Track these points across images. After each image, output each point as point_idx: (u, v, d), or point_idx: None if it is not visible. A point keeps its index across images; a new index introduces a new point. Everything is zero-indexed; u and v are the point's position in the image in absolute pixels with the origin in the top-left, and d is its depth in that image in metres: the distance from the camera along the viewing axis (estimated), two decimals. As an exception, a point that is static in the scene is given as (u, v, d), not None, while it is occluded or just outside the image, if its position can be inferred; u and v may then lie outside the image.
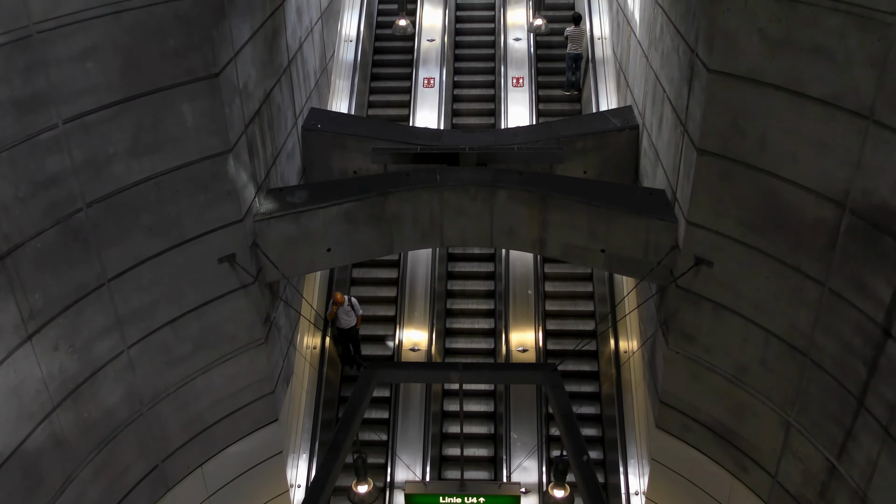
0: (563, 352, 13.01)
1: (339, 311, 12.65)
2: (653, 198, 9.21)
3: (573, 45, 15.74)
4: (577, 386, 13.12)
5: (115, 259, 7.49)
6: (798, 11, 6.39)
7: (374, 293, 14.21)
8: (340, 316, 12.70)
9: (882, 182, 6.06)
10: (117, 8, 6.72)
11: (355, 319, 12.86)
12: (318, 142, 11.20)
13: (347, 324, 12.82)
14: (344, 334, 13.07)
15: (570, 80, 16.21)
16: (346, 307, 12.66)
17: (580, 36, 15.64)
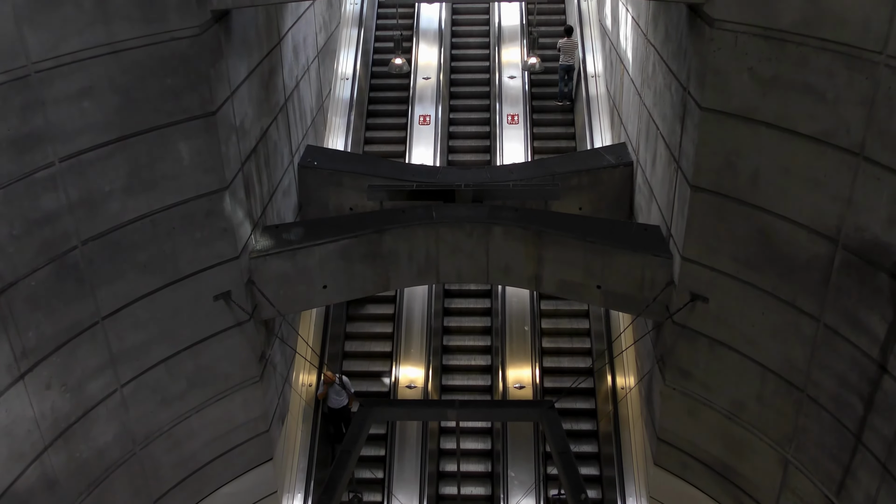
0: (561, 388, 12.93)
1: (329, 390, 12.05)
2: (648, 234, 9.24)
3: (565, 56, 16.23)
4: (574, 424, 13.02)
5: (109, 297, 7.47)
6: (787, 50, 6.48)
7: (369, 329, 14.15)
8: (331, 395, 12.09)
9: (874, 218, 6.09)
10: (115, 48, 6.80)
11: (346, 399, 12.24)
12: (315, 179, 11.25)
13: (338, 403, 12.16)
14: (335, 414, 12.40)
15: (563, 91, 16.68)
16: (337, 386, 12.04)
17: (572, 48, 16.13)
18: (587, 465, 12.70)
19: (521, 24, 18.04)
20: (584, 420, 13.16)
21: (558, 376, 13.47)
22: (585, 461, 12.71)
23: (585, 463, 12.69)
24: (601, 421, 12.87)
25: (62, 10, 6.34)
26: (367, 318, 14.32)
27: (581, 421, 13.13)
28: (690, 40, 7.59)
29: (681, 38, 7.95)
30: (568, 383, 12.93)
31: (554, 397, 11.91)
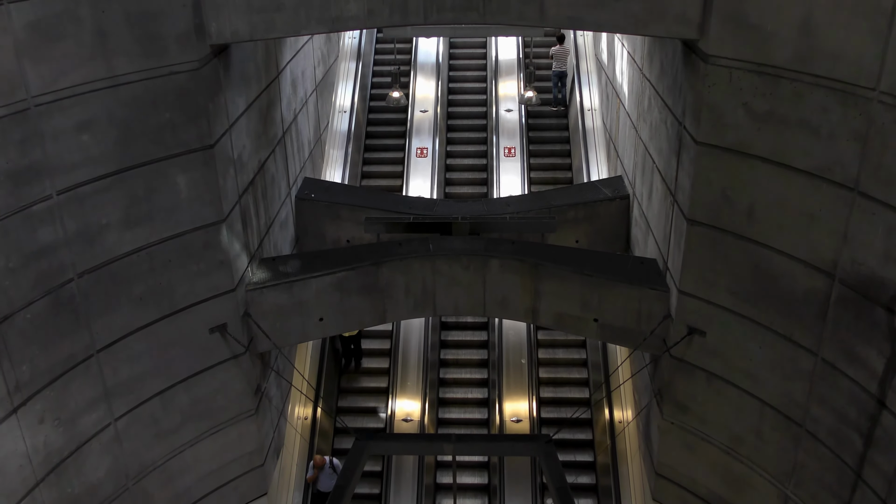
0: (558, 421, 12.85)
1: (320, 474, 11.79)
2: (644, 267, 9.25)
3: (558, 63, 16.74)
4: (571, 455, 12.92)
5: (104, 330, 7.44)
6: (781, 86, 6.54)
7: (365, 364, 14.09)
8: (322, 479, 11.82)
9: (870, 253, 6.11)
10: (115, 82, 6.85)
11: None
12: (312, 211, 11.28)
13: (329, 487, 11.66)
14: (323, 498, 11.89)
15: (557, 97, 17.22)
16: (328, 470, 11.78)
17: (564, 54, 16.66)
18: (585, 496, 12.58)
19: (518, 58, 18.22)
20: (581, 452, 13.06)
21: (555, 407, 13.39)
22: (583, 493, 12.60)
23: (583, 495, 12.57)
24: (599, 453, 12.77)
25: (63, 44, 6.40)
26: (364, 352, 14.26)
27: (579, 453, 13.03)
28: (685, 76, 7.66)
29: (676, 73, 8.02)
30: (566, 415, 12.87)
31: (551, 430, 11.83)
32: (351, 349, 13.81)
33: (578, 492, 12.42)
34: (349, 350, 13.83)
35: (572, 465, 12.80)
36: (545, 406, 13.36)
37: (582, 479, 12.71)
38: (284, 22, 7.53)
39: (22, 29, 6.07)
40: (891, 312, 6.00)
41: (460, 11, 7.62)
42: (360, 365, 14.01)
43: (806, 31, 6.22)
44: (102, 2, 6.56)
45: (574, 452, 12.99)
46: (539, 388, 13.46)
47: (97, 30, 6.59)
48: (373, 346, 14.25)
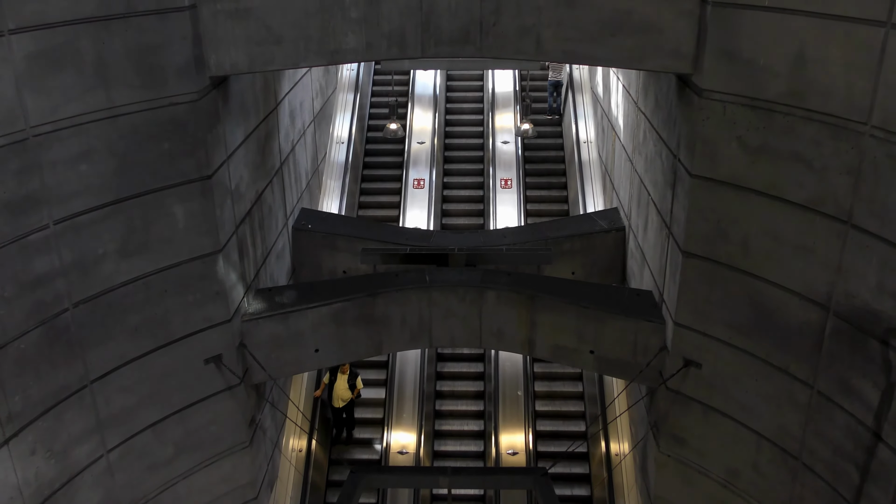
0: (554, 453, 12.76)
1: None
2: (640, 299, 9.26)
3: (553, 72, 17.19)
4: (568, 489, 12.81)
5: (98, 360, 7.41)
6: (774, 120, 6.61)
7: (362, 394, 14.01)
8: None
9: (864, 285, 6.13)
10: (114, 112, 6.90)
11: None
12: (309, 241, 11.30)
13: None
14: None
15: (552, 106, 17.76)
16: None
17: (560, 65, 16.78)
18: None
19: (515, 91, 18.40)
20: (578, 485, 12.96)
21: (552, 438, 13.31)
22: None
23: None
24: (595, 486, 12.67)
25: (63, 75, 6.45)
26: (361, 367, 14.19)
27: (575, 486, 12.93)
28: (680, 109, 7.74)
29: (670, 106, 8.11)
30: (562, 448, 12.79)
31: (548, 463, 11.75)
32: (342, 418, 13.15)
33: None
34: (340, 419, 13.20)
35: (569, 499, 12.70)
36: (542, 440, 13.28)
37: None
38: (283, 54, 7.61)
39: (22, 59, 6.13)
40: (885, 345, 6.01)
41: (458, 45, 7.71)
42: (353, 436, 13.37)
43: (798, 66, 6.31)
44: (103, 34, 6.63)
45: (570, 486, 12.89)
46: (535, 421, 13.39)
47: (97, 61, 6.65)
48: (369, 376, 14.18)
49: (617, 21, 7.30)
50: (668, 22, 7.17)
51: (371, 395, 13.96)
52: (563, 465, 12.79)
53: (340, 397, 12.50)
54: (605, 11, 7.29)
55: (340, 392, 12.42)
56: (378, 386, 14.08)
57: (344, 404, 12.65)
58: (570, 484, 12.93)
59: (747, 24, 6.60)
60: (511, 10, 7.44)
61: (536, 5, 7.37)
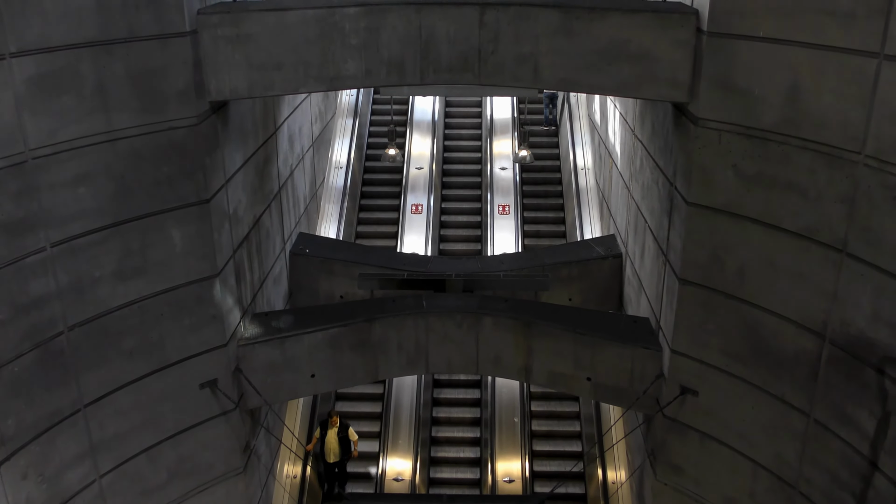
0: (552, 477, 12.67)
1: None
2: (637, 326, 9.25)
3: None
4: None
5: (93, 384, 7.37)
6: (769, 149, 6.66)
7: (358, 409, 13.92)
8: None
9: (859, 313, 6.14)
10: (113, 136, 6.94)
11: None
12: (306, 266, 11.30)
13: None
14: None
15: (548, 117, 17.96)
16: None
17: None
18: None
19: (513, 117, 18.51)
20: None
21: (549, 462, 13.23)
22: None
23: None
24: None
25: (63, 98, 6.50)
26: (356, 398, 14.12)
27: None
28: (676, 137, 7.79)
29: (667, 134, 8.16)
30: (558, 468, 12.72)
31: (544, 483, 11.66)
32: (335, 473, 12.58)
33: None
34: (332, 474, 12.56)
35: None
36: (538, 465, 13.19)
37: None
38: (283, 80, 7.67)
39: (23, 83, 6.18)
40: (881, 373, 6.01)
41: (456, 72, 7.78)
42: (345, 491, 12.62)
43: (792, 95, 6.37)
44: (104, 58, 6.68)
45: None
46: (532, 450, 13.31)
47: (98, 85, 6.70)
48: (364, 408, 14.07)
49: (614, 50, 7.38)
50: (665, 51, 7.25)
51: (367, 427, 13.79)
52: (559, 487, 12.69)
53: (332, 451, 12.07)
54: (602, 40, 7.37)
55: (332, 446, 12.04)
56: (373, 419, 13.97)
57: (336, 459, 12.16)
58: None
59: (742, 54, 6.67)
60: (509, 39, 7.52)
61: (534, 34, 7.46)
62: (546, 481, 12.73)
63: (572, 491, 12.95)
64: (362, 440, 13.58)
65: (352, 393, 14.10)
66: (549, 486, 12.38)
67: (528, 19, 7.45)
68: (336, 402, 14.04)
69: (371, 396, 14.13)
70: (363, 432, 13.66)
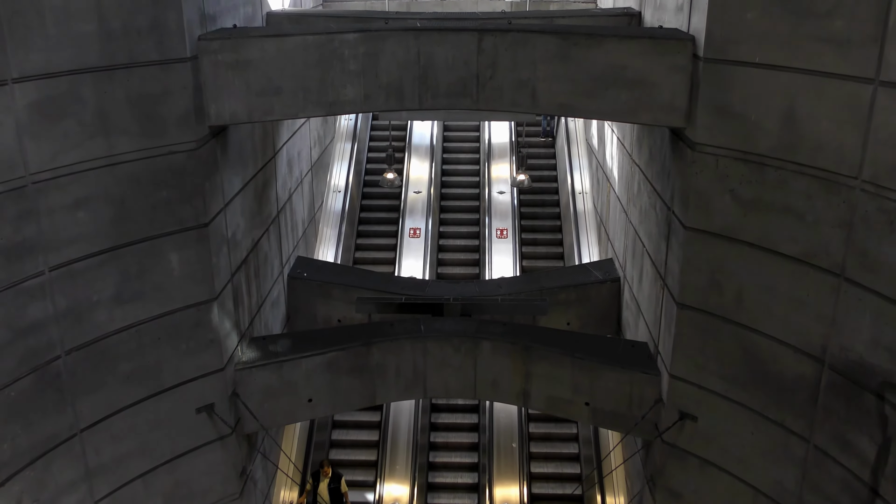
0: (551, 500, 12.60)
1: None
2: (636, 350, 9.24)
3: None
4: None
5: (89, 408, 7.33)
6: (766, 174, 6.69)
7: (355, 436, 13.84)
8: None
9: (858, 339, 6.13)
10: (113, 160, 6.96)
11: None
12: (304, 290, 11.29)
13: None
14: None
15: (546, 129, 18.15)
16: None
17: None
18: (577, 590, 12.21)
19: (511, 141, 18.59)
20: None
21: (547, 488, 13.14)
22: (575, 586, 12.23)
23: (575, 588, 12.20)
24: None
25: (64, 123, 6.52)
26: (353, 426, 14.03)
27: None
28: (673, 162, 7.83)
29: (664, 159, 8.20)
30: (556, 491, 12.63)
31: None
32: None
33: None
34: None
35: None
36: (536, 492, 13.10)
37: (574, 569, 12.37)
38: (283, 105, 7.72)
39: (24, 108, 6.21)
40: (881, 399, 5.99)
41: (455, 97, 7.83)
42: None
43: (789, 121, 6.41)
44: (105, 83, 6.72)
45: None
46: (531, 476, 13.22)
47: (98, 110, 6.74)
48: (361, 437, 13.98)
49: (611, 76, 7.44)
50: (662, 77, 7.31)
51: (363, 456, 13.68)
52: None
53: (326, 503, 11.88)
54: (600, 66, 7.43)
55: (324, 498, 11.84)
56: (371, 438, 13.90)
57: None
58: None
59: (739, 80, 6.73)
60: (507, 64, 7.58)
61: (532, 59, 7.52)
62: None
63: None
64: (359, 468, 13.51)
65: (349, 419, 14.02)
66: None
67: (525, 45, 7.51)
68: (332, 428, 13.95)
69: (368, 423, 14.05)
70: (359, 461, 13.57)
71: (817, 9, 6.04)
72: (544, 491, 13.17)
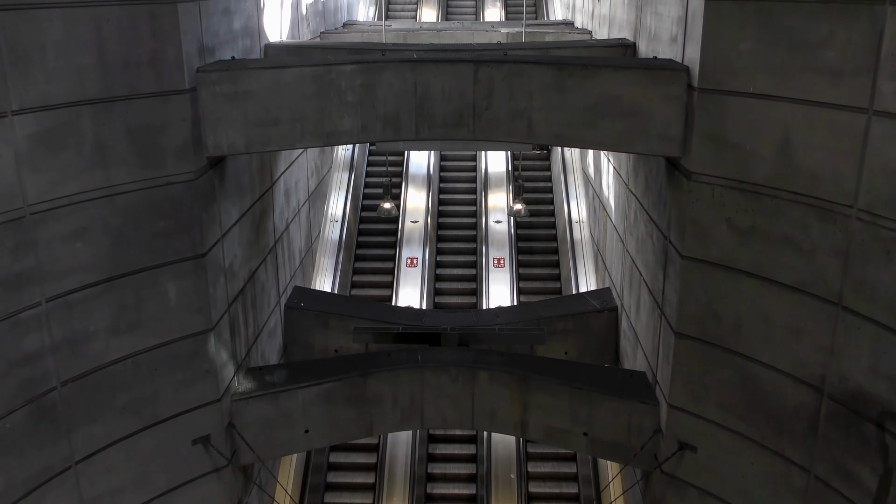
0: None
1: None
2: (634, 380, 9.20)
3: None
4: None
5: (84, 440, 7.27)
6: (762, 203, 6.72)
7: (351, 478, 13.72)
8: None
9: (857, 368, 6.12)
10: (111, 191, 6.98)
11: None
12: (301, 320, 11.26)
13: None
14: None
15: None
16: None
17: None
18: None
19: (507, 171, 18.68)
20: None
21: None
22: None
23: None
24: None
25: (63, 154, 6.55)
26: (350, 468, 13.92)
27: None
28: (669, 191, 7.87)
29: (660, 188, 8.24)
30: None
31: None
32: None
33: None
34: None
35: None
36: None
37: None
38: (280, 136, 7.76)
39: (24, 139, 6.24)
40: (881, 429, 5.96)
41: (451, 128, 7.88)
42: None
43: (784, 150, 6.46)
44: (104, 115, 6.76)
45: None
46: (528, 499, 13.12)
47: (97, 141, 6.77)
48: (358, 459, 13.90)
49: (606, 106, 7.50)
50: (657, 107, 7.37)
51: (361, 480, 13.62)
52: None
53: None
54: (595, 96, 7.49)
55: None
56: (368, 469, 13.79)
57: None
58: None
59: (733, 110, 6.78)
60: (503, 95, 7.64)
61: (528, 90, 7.58)
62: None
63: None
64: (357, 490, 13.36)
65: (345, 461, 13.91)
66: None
67: (521, 76, 7.58)
68: (330, 453, 13.83)
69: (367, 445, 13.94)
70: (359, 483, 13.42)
71: (810, 39, 6.12)
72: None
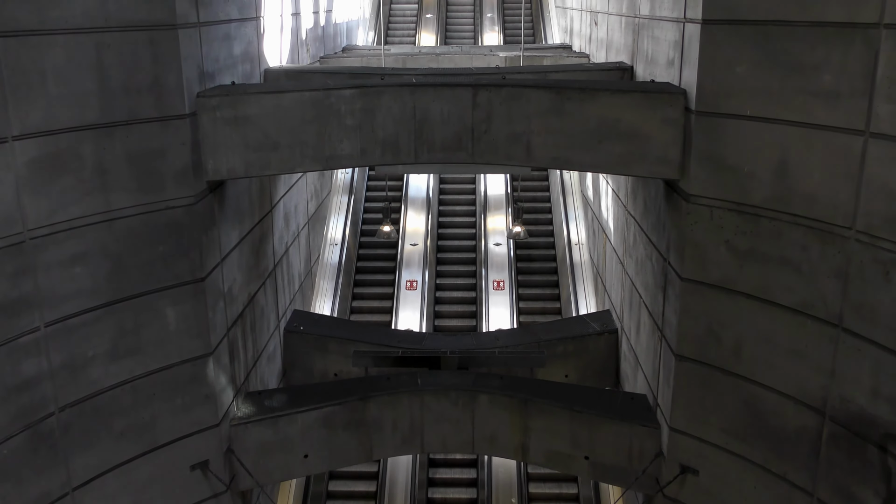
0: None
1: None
2: (634, 403, 9.16)
3: None
4: None
5: (82, 466, 7.21)
6: (761, 225, 6.74)
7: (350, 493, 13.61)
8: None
9: (858, 390, 6.10)
10: (111, 216, 6.98)
11: None
12: (300, 344, 11.23)
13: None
14: None
15: None
16: None
17: None
18: None
19: (507, 193, 18.72)
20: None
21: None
22: None
23: None
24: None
25: (63, 179, 6.57)
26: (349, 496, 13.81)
27: None
28: (668, 213, 7.88)
29: (659, 211, 8.26)
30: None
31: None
32: None
33: None
34: None
35: None
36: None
37: None
38: (280, 160, 7.78)
39: (24, 165, 6.25)
40: (883, 451, 5.93)
41: (450, 151, 7.91)
42: None
43: (781, 172, 6.48)
44: (104, 140, 6.79)
45: None
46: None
47: (97, 166, 6.79)
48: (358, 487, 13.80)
49: (604, 129, 7.53)
50: (655, 130, 7.40)
51: (361, 502, 13.54)
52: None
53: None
54: (593, 120, 7.53)
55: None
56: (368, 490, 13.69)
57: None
58: None
59: (731, 132, 6.82)
60: (502, 118, 7.68)
61: (526, 114, 7.62)
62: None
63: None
64: None
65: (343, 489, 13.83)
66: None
67: (520, 100, 7.62)
68: (329, 481, 13.73)
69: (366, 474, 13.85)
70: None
71: (806, 63, 6.16)
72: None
